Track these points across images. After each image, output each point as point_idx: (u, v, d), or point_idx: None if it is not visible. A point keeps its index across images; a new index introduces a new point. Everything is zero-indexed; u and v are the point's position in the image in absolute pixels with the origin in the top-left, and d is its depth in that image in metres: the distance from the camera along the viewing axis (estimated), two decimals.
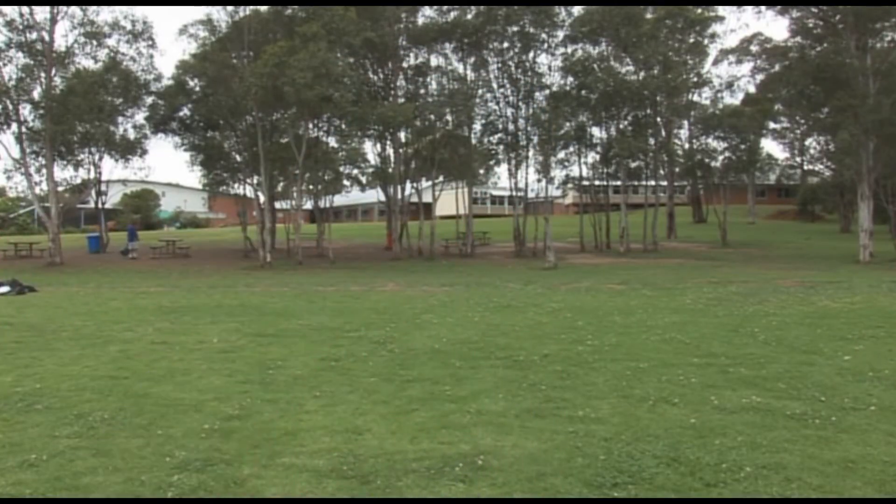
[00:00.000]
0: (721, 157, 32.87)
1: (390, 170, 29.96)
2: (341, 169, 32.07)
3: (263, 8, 27.41)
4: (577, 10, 29.53)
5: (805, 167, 48.48)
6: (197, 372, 6.38)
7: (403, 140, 30.32)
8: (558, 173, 31.66)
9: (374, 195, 41.41)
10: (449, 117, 29.75)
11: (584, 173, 32.47)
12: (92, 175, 30.39)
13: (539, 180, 30.80)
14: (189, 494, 3.49)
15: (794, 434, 4.27)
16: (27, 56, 26.44)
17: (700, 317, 10.02)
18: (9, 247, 28.70)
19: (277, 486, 3.57)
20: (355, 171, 33.30)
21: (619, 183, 32.68)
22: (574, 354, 7.03)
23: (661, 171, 34.73)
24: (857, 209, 28.52)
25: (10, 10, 25.59)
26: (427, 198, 33.54)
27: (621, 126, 30.81)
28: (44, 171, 27.37)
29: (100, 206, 31.58)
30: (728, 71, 41.74)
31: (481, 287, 16.06)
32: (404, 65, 30.68)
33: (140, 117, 30.24)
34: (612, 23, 27.98)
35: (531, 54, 29.94)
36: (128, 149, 29.58)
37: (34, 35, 26.34)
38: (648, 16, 29.84)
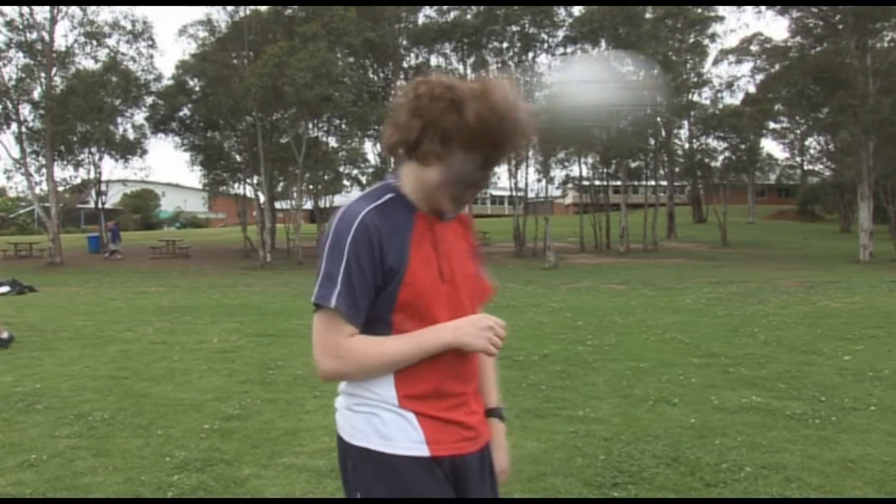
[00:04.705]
0: (721, 157, 32.85)
1: (390, 170, 29.92)
2: (341, 169, 32.06)
3: (263, 8, 27.42)
4: (577, 10, 29.56)
5: (805, 167, 48.45)
6: (197, 372, 6.38)
7: None
8: (558, 173, 31.71)
9: None
10: None
11: (584, 173, 32.48)
12: (92, 175, 30.42)
13: (539, 180, 30.82)
14: (189, 494, 3.49)
15: (794, 434, 4.27)
16: (27, 56, 26.44)
17: (700, 317, 10.03)
18: (9, 247, 28.66)
19: (277, 486, 3.57)
20: (355, 171, 33.31)
21: (619, 183, 32.67)
22: (574, 354, 7.03)
23: (661, 171, 34.74)
24: (857, 209, 28.53)
25: (10, 10, 25.63)
26: None
27: (621, 126, 30.80)
28: (44, 171, 27.37)
29: (100, 206, 31.59)
30: (728, 71, 41.61)
31: None
32: (404, 65, 30.69)
33: (140, 117, 30.29)
34: (612, 23, 27.98)
35: (531, 54, 29.95)
36: (128, 149, 29.60)
37: (34, 35, 26.34)
38: (648, 16, 29.84)
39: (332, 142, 31.35)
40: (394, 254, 1.37)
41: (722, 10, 33.51)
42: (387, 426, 1.41)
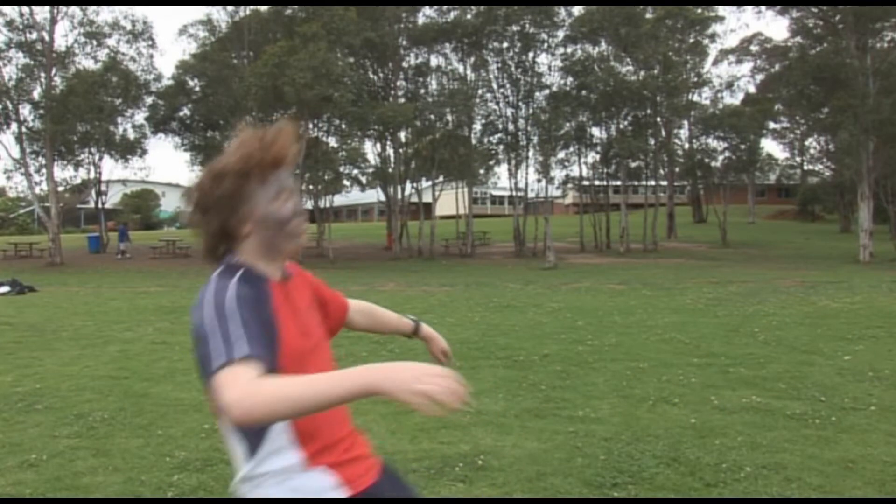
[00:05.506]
0: (721, 157, 32.88)
1: (390, 170, 29.97)
2: (341, 169, 32.08)
3: (263, 8, 27.46)
4: (577, 10, 29.58)
5: (805, 167, 48.47)
6: (197, 372, 6.36)
7: (403, 140, 30.33)
8: (558, 173, 31.75)
9: (374, 195, 41.45)
10: (449, 117, 29.76)
11: (584, 173, 32.50)
12: (92, 175, 30.41)
13: (539, 180, 30.84)
14: (189, 494, 3.49)
15: (794, 434, 4.27)
16: (27, 56, 26.45)
17: (700, 317, 10.02)
18: (9, 247, 28.66)
19: None
20: (355, 171, 33.33)
21: (619, 183, 32.68)
22: (574, 354, 7.02)
23: (661, 171, 34.75)
24: (857, 209, 28.54)
25: (10, 10, 25.63)
26: (427, 198, 33.54)
27: (621, 126, 30.82)
28: (44, 171, 27.37)
29: (100, 206, 31.59)
30: (728, 71, 41.79)
31: (481, 287, 16.06)
32: (404, 65, 30.69)
33: (140, 117, 30.31)
34: (612, 23, 27.99)
35: (531, 54, 29.96)
36: (128, 149, 29.61)
37: (34, 35, 26.35)
38: (648, 16, 29.86)
39: (332, 142, 31.40)
40: (267, 323, 1.39)
41: (722, 10, 33.59)
42: (305, 485, 1.41)
